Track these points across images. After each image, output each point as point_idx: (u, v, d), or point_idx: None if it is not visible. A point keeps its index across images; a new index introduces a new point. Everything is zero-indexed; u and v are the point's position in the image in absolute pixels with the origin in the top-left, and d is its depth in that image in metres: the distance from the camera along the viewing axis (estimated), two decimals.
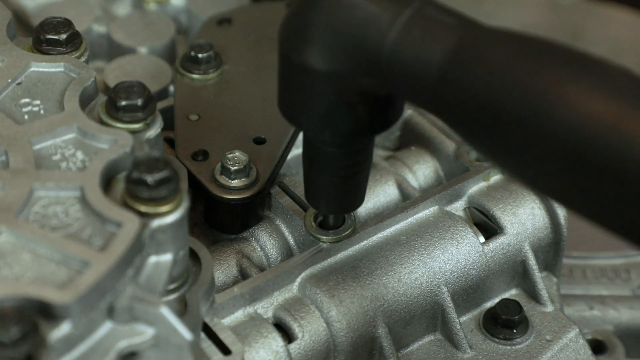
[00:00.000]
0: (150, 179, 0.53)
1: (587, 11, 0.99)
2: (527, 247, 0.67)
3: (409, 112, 0.72)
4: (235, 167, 0.64)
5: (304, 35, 0.52)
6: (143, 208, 0.53)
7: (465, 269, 0.65)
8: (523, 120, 0.45)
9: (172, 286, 0.56)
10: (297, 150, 0.73)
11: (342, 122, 0.54)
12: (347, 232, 0.63)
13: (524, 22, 0.99)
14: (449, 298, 0.64)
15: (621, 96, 0.44)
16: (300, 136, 0.72)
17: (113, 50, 0.77)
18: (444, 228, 0.66)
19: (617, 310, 0.74)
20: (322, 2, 0.51)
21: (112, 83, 0.72)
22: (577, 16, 0.99)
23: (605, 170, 0.44)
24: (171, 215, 0.54)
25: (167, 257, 0.55)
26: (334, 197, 0.59)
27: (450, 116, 0.49)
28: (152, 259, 0.54)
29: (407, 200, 0.68)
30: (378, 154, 0.72)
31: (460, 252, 0.65)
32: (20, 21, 0.79)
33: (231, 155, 0.64)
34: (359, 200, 0.60)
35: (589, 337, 0.71)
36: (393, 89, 0.51)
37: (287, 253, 0.66)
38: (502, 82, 0.46)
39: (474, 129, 0.48)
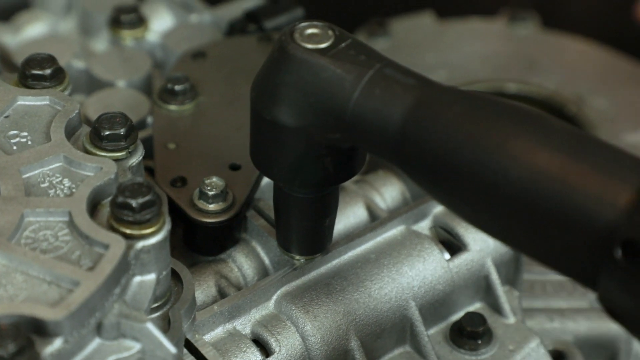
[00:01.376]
0: (134, 203, 0.56)
1: (543, 41, 1.04)
2: (490, 263, 0.71)
3: None
4: (212, 192, 0.68)
5: (274, 93, 0.57)
6: (128, 230, 0.57)
7: (432, 284, 0.69)
8: (475, 173, 0.50)
9: (156, 304, 0.60)
10: None
11: (310, 173, 0.59)
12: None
13: (484, 52, 1.03)
14: (417, 312, 0.68)
15: (563, 150, 0.48)
16: None
17: (92, 84, 0.81)
18: (411, 246, 0.70)
19: (575, 321, 0.78)
20: (290, 62, 0.56)
21: (92, 115, 0.75)
22: (534, 46, 1.04)
23: (550, 218, 0.48)
24: (154, 237, 0.57)
25: (151, 277, 0.58)
26: (303, 240, 0.64)
27: (409, 169, 0.54)
28: (137, 278, 0.58)
29: (376, 220, 0.72)
30: None
31: (427, 268, 0.69)
32: (3, 59, 0.82)
33: (208, 180, 0.68)
34: (327, 242, 0.65)
35: (550, 347, 0.75)
36: (357, 143, 0.56)
37: (263, 272, 0.69)
38: (456, 138, 0.51)
39: (431, 182, 0.53)
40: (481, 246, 0.71)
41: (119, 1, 0.86)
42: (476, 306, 0.72)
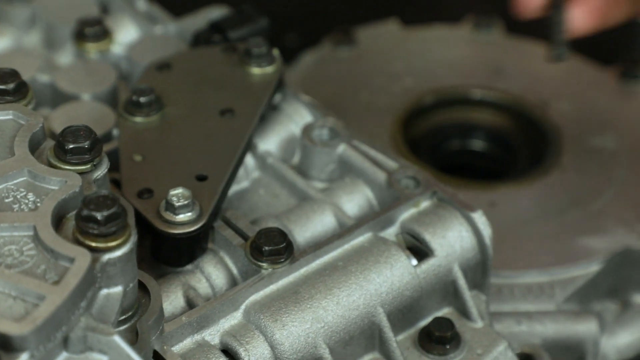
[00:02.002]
0: (99, 215, 0.56)
1: (507, 47, 1.05)
2: (457, 268, 0.71)
3: (342, 146, 0.77)
4: (179, 203, 0.68)
5: None
6: (94, 243, 0.57)
7: (400, 290, 0.69)
8: None
9: (123, 317, 0.60)
10: (237, 186, 0.77)
11: None
12: (285, 260, 0.67)
13: (449, 59, 1.04)
14: (385, 318, 0.68)
15: None
16: (240, 172, 0.77)
17: (57, 97, 0.81)
18: (378, 253, 0.70)
19: (543, 324, 0.78)
20: None
21: (57, 129, 0.75)
22: (498, 52, 1.04)
23: None
24: (120, 250, 0.57)
25: (118, 289, 0.58)
26: None
27: None
28: (104, 291, 0.57)
29: (343, 228, 0.72)
30: (315, 186, 0.77)
31: (394, 275, 0.69)
32: None
33: (175, 192, 0.68)
34: None
35: (518, 350, 0.76)
36: None
37: (232, 282, 0.69)
38: None
39: None
40: (448, 251, 0.71)
41: (84, 14, 0.86)
42: (444, 311, 0.72)
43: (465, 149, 0.97)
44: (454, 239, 0.72)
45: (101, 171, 0.63)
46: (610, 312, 0.82)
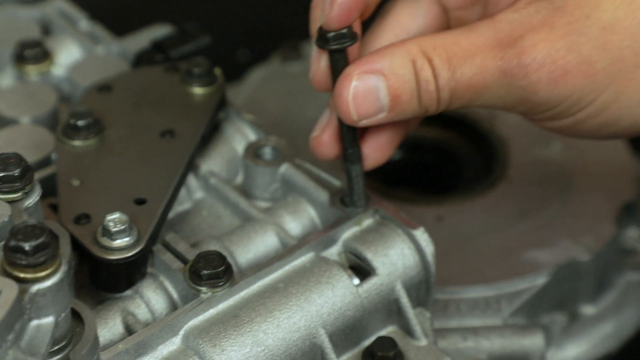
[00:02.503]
0: (27, 246, 0.55)
1: None
2: (399, 286, 0.71)
3: (284, 165, 0.76)
4: (116, 228, 0.67)
5: None
6: (22, 274, 0.56)
7: (342, 311, 0.69)
8: None
9: (55, 347, 0.59)
10: (180, 207, 0.76)
11: None
12: (224, 284, 0.67)
13: None
14: (327, 339, 0.68)
15: None
16: (183, 193, 0.76)
17: None
18: (319, 273, 0.70)
19: (489, 339, 0.78)
20: None
21: None
22: None
23: None
24: (50, 280, 0.56)
25: (49, 320, 0.57)
26: None
27: None
28: (34, 322, 0.57)
29: (286, 248, 0.72)
30: (258, 206, 0.76)
31: (336, 295, 0.69)
32: None
33: (111, 217, 0.67)
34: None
35: None
36: None
37: (172, 307, 0.69)
38: None
39: None
40: (390, 270, 0.71)
41: (24, 36, 0.85)
42: (389, 330, 0.72)
43: (412, 162, 0.96)
44: (396, 257, 0.72)
45: (33, 199, 0.62)
46: (558, 324, 0.82)
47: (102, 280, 0.69)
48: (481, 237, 0.84)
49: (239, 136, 0.80)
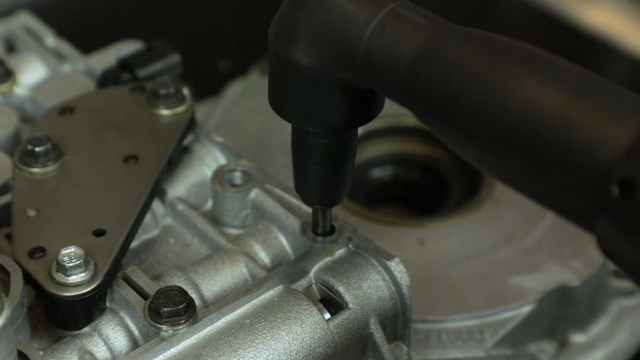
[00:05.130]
0: None
1: None
2: (373, 320, 0.67)
3: (254, 190, 0.73)
4: (71, 264, 0.63)
5: (290, 31, 0.57)
6: None
7: (312, 347, 0.65)
8: (479, 110, 0.51)
9: None
10: (146, 235, 0.73)
11: (325, 115, 0.59)
12: (186, 321, 0.63)
13: None
14: None
15: (567, 90, 0.49)
16: (149, 220, 0.72)
17: None
18: (287, 308, 0.66)
19: None
20: (307, 1, 0.57)
21: None
22: None
23: (550, 157, 0.48)
24: None
25: None
26: (321, 188, 0.64)
27: (418, 108, 0.55)
28: None
29: (255, 280, 0.68)
30: (227, 233, 0.73)
31: (305, 331, 0.65)
32: None
33: (66, 251, 0.64)
34: (345, 192, 0.65)
35: None
36: (369, 83, 0.57)
37: (133, 344, 0.65)
38: (463, 76, 0.51)
39: (438, 122, 0.54)
40: (363, 303, 0.67)
41: None
42: None
43: (398, 179, 0.93)
44: (370, 290, 0.68)
45: None
46: (546, 353, 0.79)
47: (58, 317, 0.65)
48: (464, 262, 0.81)
49: (209, 159, 0.76)
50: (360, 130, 0.89)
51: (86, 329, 0.65)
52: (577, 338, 0.80)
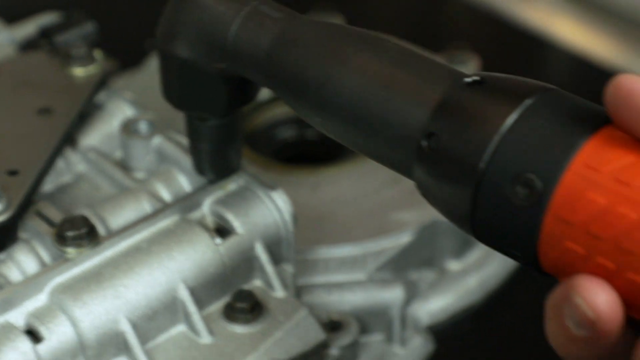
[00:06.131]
0: None
1: None
2: (259, 244, 0.76)
3: (157, 137, 0.81)
4: None
5: (171, 31, 0.68)
6: None
7: (202, 267, 0.74)
8: (322, 85, 0.61)
9: None
10: (59, 180, 0.81)
11: (207, 101, 0.71)
12: (88, 244, 0.72)
13: None
14: (187, 293, 0.73)
15: (389, 64, 0.60)
16: (62, 166, 0.81)
17: None
18: (182, 233, 0.75)
19: (353, 293, 0.83)
20: (184, 4, 0.68)
21: None
22: None
23: (376, 120, 0.59)
24: None
25: None
26: (212, 163, 0.76)
27: (277, 89, 0.65)
28: None
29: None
30: (134, 177, 0.81)
31: (197, 252, 0.74)
32: None
33: None
34: (235, 165, 0.77)
35: (326, 318, 0.81)
36: (239, 71, 0.68)
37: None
38: (309, 58, 0.62)
39: (292, 98, 0.64)
40: (250, 229, 0.76)
41: None
42: (253, 284, 0.77)
43: (300, 139, 1.01)
44: (256, 217, 0.77)
45: None
46: (426, 280, 0.87)
47: None
48: (352, 202, 0.89)
49: (119, 113, 0.85)
50: (266, 95, 0.98)
51: (1, 256, 0.74)
52: (453, 265, 0.89)
